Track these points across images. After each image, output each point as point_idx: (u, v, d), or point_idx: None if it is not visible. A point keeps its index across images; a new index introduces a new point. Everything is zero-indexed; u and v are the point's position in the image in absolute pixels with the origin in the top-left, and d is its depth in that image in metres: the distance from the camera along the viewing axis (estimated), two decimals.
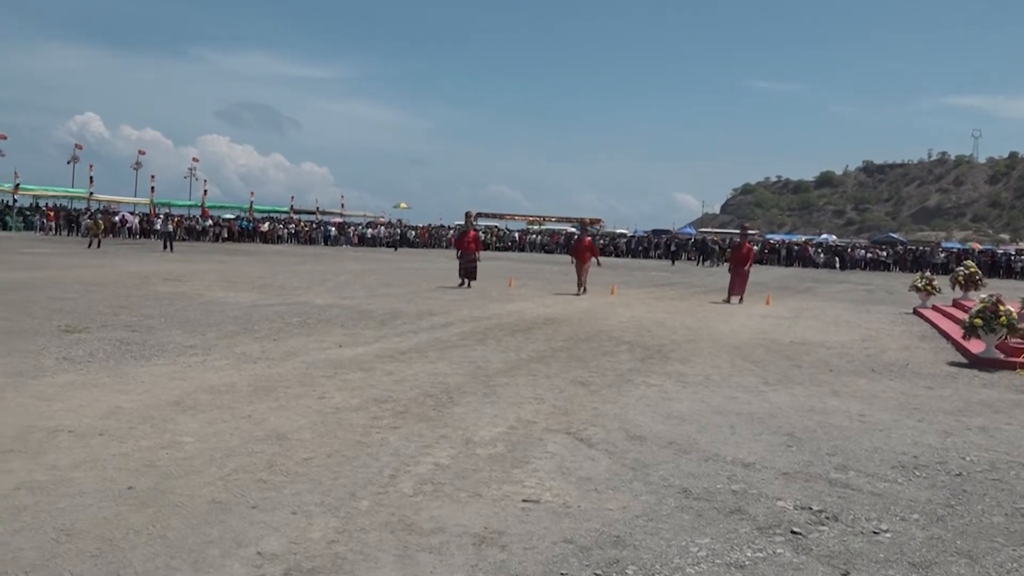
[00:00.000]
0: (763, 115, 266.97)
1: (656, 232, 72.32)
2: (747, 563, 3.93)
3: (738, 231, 25.78)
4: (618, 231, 77.71)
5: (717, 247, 52.78)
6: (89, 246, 34.34)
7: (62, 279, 17.82)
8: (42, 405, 6.37)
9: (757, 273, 42.49)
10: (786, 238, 78.50)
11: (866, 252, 60.60)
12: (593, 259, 21.06)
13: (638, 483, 5.12)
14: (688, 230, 79.24)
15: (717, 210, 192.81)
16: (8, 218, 52.91)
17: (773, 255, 60.07)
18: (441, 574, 3.64)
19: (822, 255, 58.94)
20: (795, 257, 59.27)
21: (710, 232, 77.45)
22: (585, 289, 20.41)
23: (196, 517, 4.18)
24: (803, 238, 78.12)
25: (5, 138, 57.61)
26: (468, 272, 20.90)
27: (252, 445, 5.53)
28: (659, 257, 56.67)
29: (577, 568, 3.77)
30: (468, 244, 21.17)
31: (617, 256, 60.54)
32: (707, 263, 49.88)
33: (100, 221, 39.33)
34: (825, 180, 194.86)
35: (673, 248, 55.52)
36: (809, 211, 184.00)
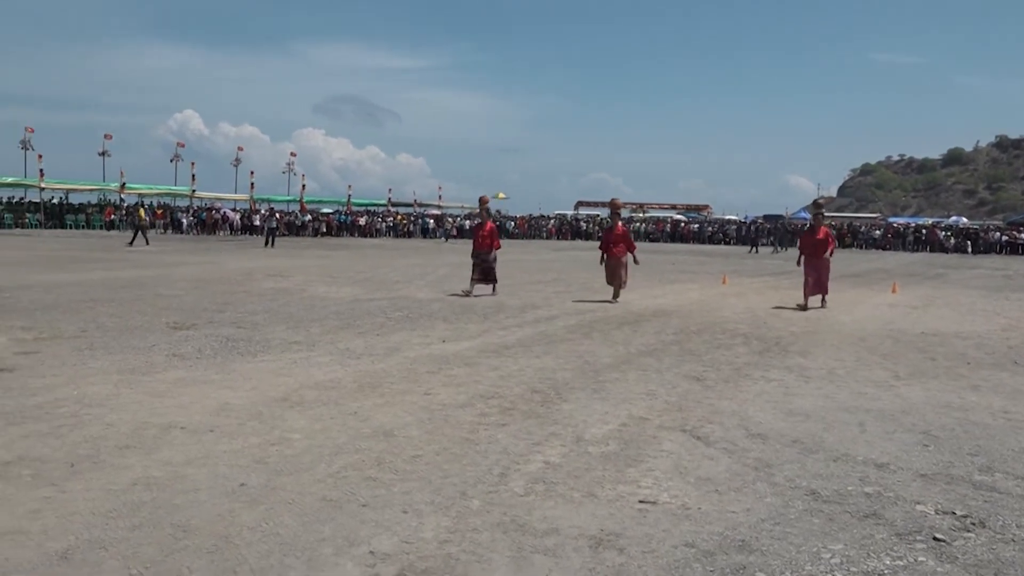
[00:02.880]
0: (884, 90, 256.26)
1: (768, 217, 70.66)
2: (886, 572, 3.77)
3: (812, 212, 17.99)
4: (727, 217, 76.35)
5: (789, 230, 52.07)
6: (132, 243, 32.67)
7: (168, 276, 18.61)
8: (155, 401, 6.65)
9: (881, 259, 41.05)
10: (911, 221, 75.60)
11: (1002, 235, 57.73)
12: (629, 255, 15.95)
13: (762, 484, 4.99)
14: (802, 215, 76.96)
15: (834, 192, 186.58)
16: (114, 217, 55.60)
17: (898, 240, 58.03)
18: None
19: (952, 239, 56.51)
20: (922, 241, 57.10)
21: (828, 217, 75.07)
22: (618, 295, 15.74)
23: (308, 515, 4.29)
24: (930, 221, 74.95)
25: (110, 138, 60.63)
26: (485, 274, 16.26)
27: (360, 442, 5.64)
28: (771, 244, 55.13)
29: (701, 574, 3.70)
30: (483, 239, 16.45)
31: (727, 244, 59.48)
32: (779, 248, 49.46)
33: (142, 211, 38.91)
34: (953, 158, 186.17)
35: (746, 232, 54.20)
36: (936, 192, 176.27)
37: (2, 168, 77.60)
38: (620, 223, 16.49)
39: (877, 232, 61.25)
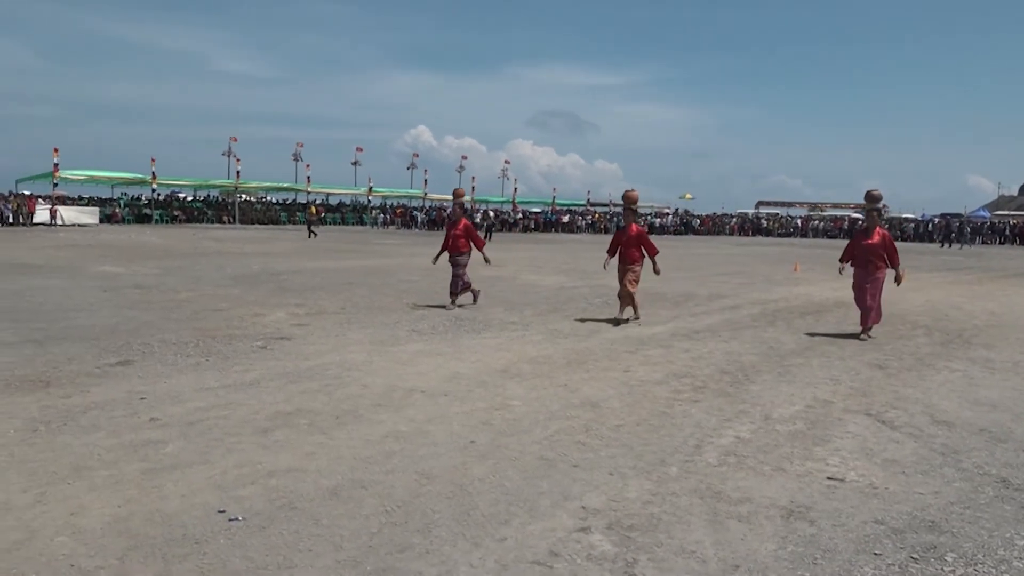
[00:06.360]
0: None
1: (945, 216, 64.80)
2: None
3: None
4: (904, 216, 70.76)
5: (968, 228, 48.28)
6: (309, 236, 33.63)
7: (406, 265, 19.53)
8: (399, 369, 6.99)
9: None
10: None
11: None
12: (646, 260, 10.47)
13: (949, 469, 4.58)
14: (982, 213, 69.94)
15: (1015, 191, 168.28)
16: (364, 215, 59.13)
17: None
18: (752, 542, 3.49)
19: None
20: None
21: (1005, 215, 67.93)
22: (636, 313, 10.41)
23: (528, 471, 4.36)
24: None
25: (361, 150, 64.34)
26: (458, 282, 11.43)
27: (569, 411, 5.67)
28: (942, 242, 50.22)
29: (891, 550, 3.44)
30: (457, 239, 11.50)
31: (904, 240, 55.24)
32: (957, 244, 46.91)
33: (313, 208, 40.34)
34: None
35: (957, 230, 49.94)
36: None
37: (278, 176, 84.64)
38: (635, 223, 10.68)
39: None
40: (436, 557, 3.27)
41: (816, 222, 63.65)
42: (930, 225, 58.15)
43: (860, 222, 11.97)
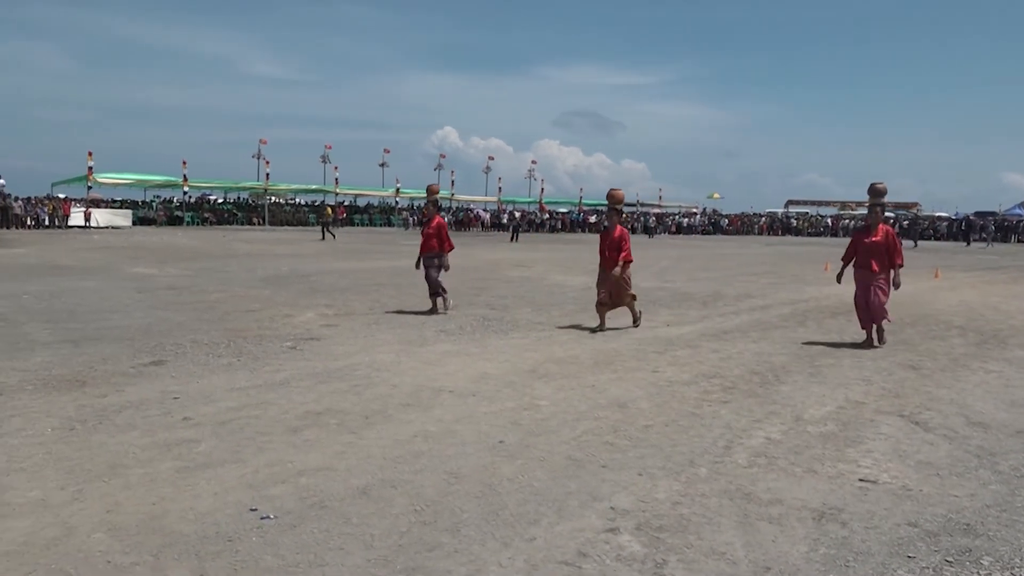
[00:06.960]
0: None
1: (980, 214, 63.65)
2: None
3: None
4: (937, 214, 69.66)
5: (992, 225, 47.39)
6: (323, 238, 33.16)
7: None
8: (428, 369, 7.02)
9: None
10: None
11: None
12: (621, 265, 9.69)
13: (985, 471, 4.50)
14: (1018, 211, 68.58)
15: None
16: (392, 216, 59.45)
17: None
18: (783, 544, 3.46)
19: None
20: None
21: None
22: (636, 321, 9.94)
23: (556, 471, 4.36)
24: None
25: (388, 152, 64.90)
26: (432, 286, 10.89)
27: (597, 411, 5.66)
28: (965, 240, 49.21)
29: (925, 553, 3.39)
30: (429, 239, 10.99)
31: (937, 240, 54.40)
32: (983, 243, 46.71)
33: (328, 210, 39.56)
34: None
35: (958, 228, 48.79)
36: None
37: (307, 177, 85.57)
38: (619, 223, 9.99)
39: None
40: (465, 556, 3.28)
41: (847, 221, 62.92)
42: (963, 223, 57.14)
43: (862, 219, 10.98)
